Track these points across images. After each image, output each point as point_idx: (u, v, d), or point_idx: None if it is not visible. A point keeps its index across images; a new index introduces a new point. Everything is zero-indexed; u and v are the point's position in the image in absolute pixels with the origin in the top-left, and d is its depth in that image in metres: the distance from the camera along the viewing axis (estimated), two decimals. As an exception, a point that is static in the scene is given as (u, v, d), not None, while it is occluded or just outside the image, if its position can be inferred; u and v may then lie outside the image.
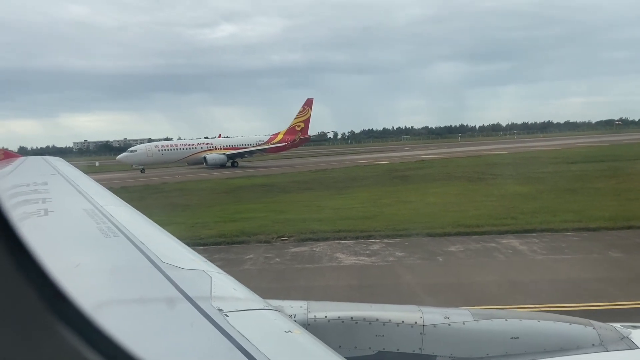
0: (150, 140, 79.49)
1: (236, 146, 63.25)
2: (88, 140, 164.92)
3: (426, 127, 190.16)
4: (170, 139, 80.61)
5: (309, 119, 68.74)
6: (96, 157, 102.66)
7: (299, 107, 69.23)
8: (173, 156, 58.90)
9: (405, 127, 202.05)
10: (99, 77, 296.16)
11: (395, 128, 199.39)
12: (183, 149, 60.42)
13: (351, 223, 20.04)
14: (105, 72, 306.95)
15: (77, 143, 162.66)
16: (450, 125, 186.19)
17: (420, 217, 20.75)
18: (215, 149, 60.82)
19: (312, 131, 72.28)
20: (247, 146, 63.74)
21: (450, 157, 57.85)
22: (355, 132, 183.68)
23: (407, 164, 49.89)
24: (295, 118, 68.43)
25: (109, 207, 5.15)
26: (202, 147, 60.95)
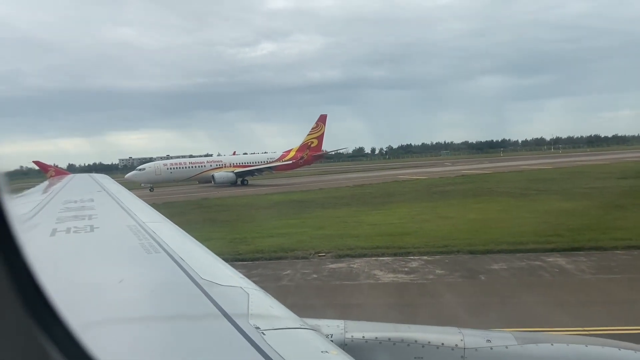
0: (191, 156, 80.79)
1: (246, 164, 61.93)
2: (133, 157, 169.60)
3: (466, 142, 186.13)
4: (210, 155, 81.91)
5: (322, 135, 67.29)
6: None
7: (337, 123, 69.16)
8: (181, 174, 57.95)
9: (445, 142, 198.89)
10: (144, 97, 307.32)
11: (434, 143, 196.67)
12: (192, 167, 59.34)
13: (389, 239, 19.81)
14: (150, 92, 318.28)
15: (123, 160, 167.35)
16: (492, 140, 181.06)
17: (461, 234, 20.31)
18: (225, 166, 59.76)
19: (349, 146, 71.29)
20: (257, 164, 62.46)
21: (492, 172, 56.53)
22: (393, 148, 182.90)
23: (446, 179, 49.12)
24: (308, 134, 66.96)
25: (150, 223, 5.31)
26: (211, 165, 59.88)
